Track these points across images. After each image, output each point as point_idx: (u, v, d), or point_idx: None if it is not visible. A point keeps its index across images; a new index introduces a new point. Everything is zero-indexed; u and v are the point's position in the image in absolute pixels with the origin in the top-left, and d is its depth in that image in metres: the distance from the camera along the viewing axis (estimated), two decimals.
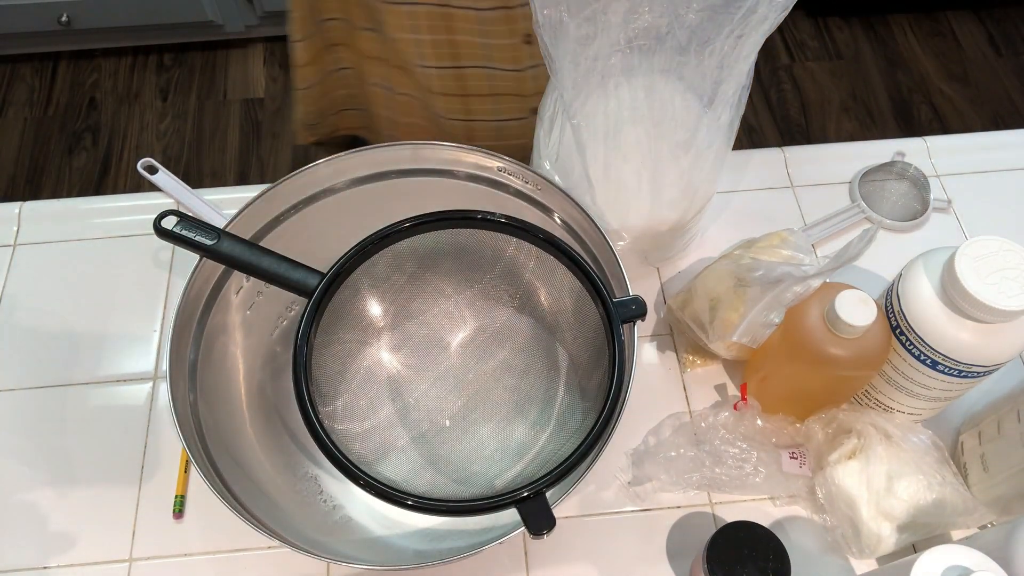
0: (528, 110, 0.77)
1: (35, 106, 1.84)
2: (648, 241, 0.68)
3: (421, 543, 0.59)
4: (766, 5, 0.50)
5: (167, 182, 0.73)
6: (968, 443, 0.62)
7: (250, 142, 1.79)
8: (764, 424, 0.62)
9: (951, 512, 0.57)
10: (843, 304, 0.53)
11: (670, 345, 0.70)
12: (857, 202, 0.77)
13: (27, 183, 1.72)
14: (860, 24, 2.00)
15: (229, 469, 0.55)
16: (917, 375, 0.56)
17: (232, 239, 0.53)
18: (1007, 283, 0.50)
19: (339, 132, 0.90)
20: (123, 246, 0.75)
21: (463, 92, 0.75)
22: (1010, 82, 1.91)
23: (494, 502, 0.46)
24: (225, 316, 0.61)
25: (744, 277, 0.61)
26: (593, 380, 0.54)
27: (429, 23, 0.69)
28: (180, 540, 0.61)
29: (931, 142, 0.82)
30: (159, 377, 0.68)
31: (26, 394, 0.67)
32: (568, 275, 0.54)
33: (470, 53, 0.71)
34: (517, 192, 0.63)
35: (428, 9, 0.68)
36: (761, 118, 1.83)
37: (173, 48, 1.93)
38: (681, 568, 0.60)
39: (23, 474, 0.64)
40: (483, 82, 0.74)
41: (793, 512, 0.62)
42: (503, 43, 0.70)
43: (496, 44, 0.70)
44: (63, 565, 0.60)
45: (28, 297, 0.72)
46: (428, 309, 0.63)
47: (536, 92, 0.76)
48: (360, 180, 0.63)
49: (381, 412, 0.60)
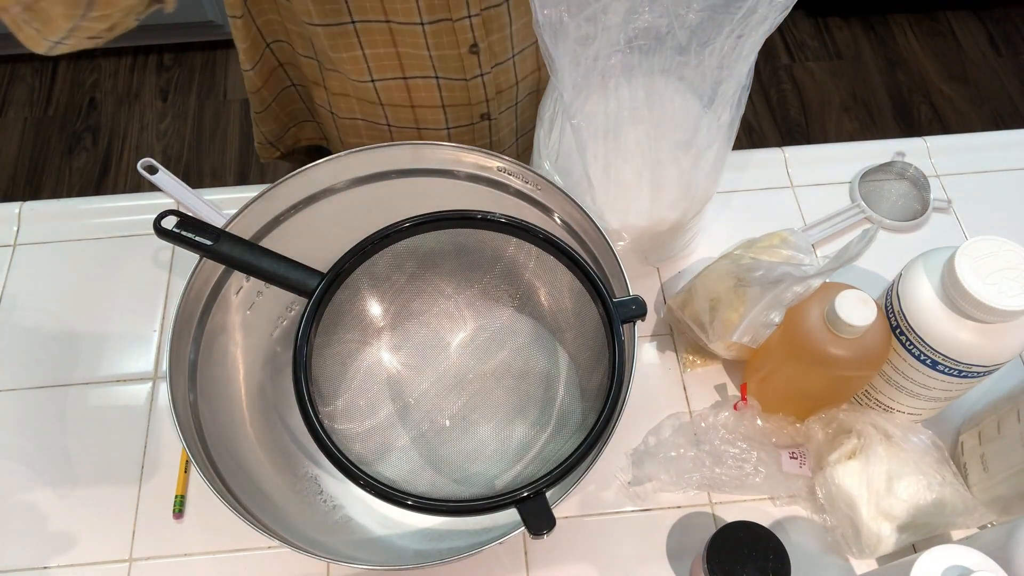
0: (478, 115, 0.78)
1: (35, 106, 1.84)
2: (648, 241, 0.68)
3: (421, 543, 0.59)
4: (766, 5, 0.50)
5: (167, 182, 0.73)
6: (968, 443, 0.62)
7: (250, 142, 1.79)
8: (764, 424, 0.62)
9: (951, 512, 0.57)
10: (843, 304, 0.53)
11: (670, 345, 0.70)
12: (857, 202, 0.77)
13: (27, 183, 1.72)
14: (860, 24, 2.00)
15: (229, 469, 0.55)
16: (917, 375, 0.56)
17: (232, 239, 0.53)
18: (1007, 283, 0.50)
19: (301, 143, 0.90)
20: (123, 246, 0.75)
21: (411, 103, 0.75)
22: (1010, 82, 1.91)
23: (494, 502, 0.46)
24: (225, 316, 0.61)
25: (744, 277, 0.61)
26: (593, 380, 0.54)
27: (369, 38, 0.69)
28: (180, 540, 0.61)
29: (931, 142, 0.82)
30: (159, 377, 0.68)
31: (26, 394, 0.67)
32: (568, 275, 0.54)
33: (416, 64, 0.71)
34: (517, 192, 0.63)
35: (367, 26, 0.68)
36: (761, 118, 1.83)
37: (173, 48, 1.93)
38: (681, 568, 0.60)
39: (23, 474, 0.64)
40: (432, 92, 0.74)
41: (793, 512, 0.62)
42: (449, 53, 0.70)
43: (441, 55, 0.70)
44: (63, 565, 0.60)
45: (28, 297, 0.72)
46: (428, 309, 0.63)
47: (483, 99, 0.76)
48: (360, 180, 0.63)
49: (381, 412, 0.60)
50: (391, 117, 0.77)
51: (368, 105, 0.76)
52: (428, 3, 0.65)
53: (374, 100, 0.75)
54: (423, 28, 0.67)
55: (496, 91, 0.75)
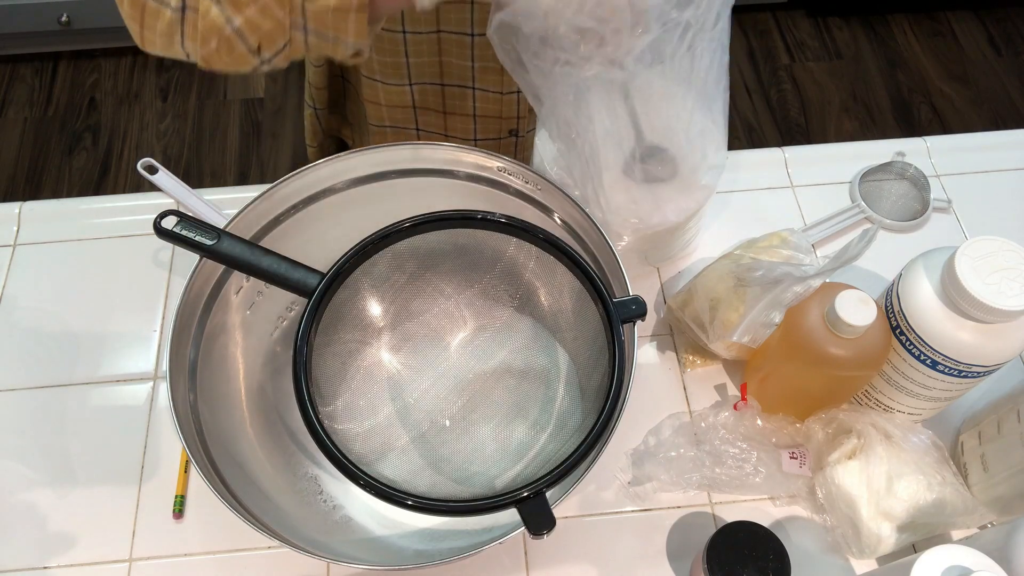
0: (507, 131, 0.78)
1: (35, 106, 1.84)
2: (648, 241, 0.68)
3: (421, 543, 0.59)
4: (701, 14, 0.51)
5: (167, 182, 0.73)
6: (968, 443, 0.62)
7: (250, 142, 1.79)
8: (764, 424, 0.62)
9: (951, 512, 0.57)
10: (843, 304, 0.53)
11: (670, 345, 0.70)
12: (857, 202, 0.77)
13: (27, 183, 1.72)
14: (860, 24, 2.00)
15: (229, 469, 0.55)
16: (917, 375, 0.56)
17: (232, 239, 0.53)
18: (1007, 283, 0.50)
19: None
20: (123, 246, 0.75)
21: (443, 109, 0.76)
22: (1010, 82, 1.91)
23: (494, 502, 0.46)
24: (225, 316, 0.61)
25: (744, 277, 0.61)
26: (593, 380, 0.54)
27: (416, 48, 0.70)
28: (180, 540, 0.61)
29: (931, 142, 0.82)
30: (159, 377, 0.68)
31: (26, 394, 0.67)
32: (568, 275, 0.54)
33: (457, 74, 0.72)
34: (517, 192, 0.63)
35: (416, 37, 0.69)
36: (761, 118, 1.83)
37: None
38: (681, 568, 0.60)
39: (23, 474, 0.64)
40: (466, 101, 0.75)
41: (793, 512, 0.62)
42: (492, 66, 0.71)
43: (484, 67, 0.71)
44: (63, 565, 0.60)
45: (28, 297, 0.72)
46: (428, 309, 0.63)
47: (515, 116, 0.78)
48: (360, 180, 0.63)
49: (381, 412, 0.60)
50: (421, 121, 0.78)
51: (399, 110, 0.77)
52: (481, 16, 0.67)
53: (407, 104, 0.76)
54: (472, 39, 0.69)
55: (528, 110, 0.77)
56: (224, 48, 0.49)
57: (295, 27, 0.48)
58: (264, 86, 1.88)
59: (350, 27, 0.49)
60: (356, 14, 0.48)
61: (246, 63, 0.50)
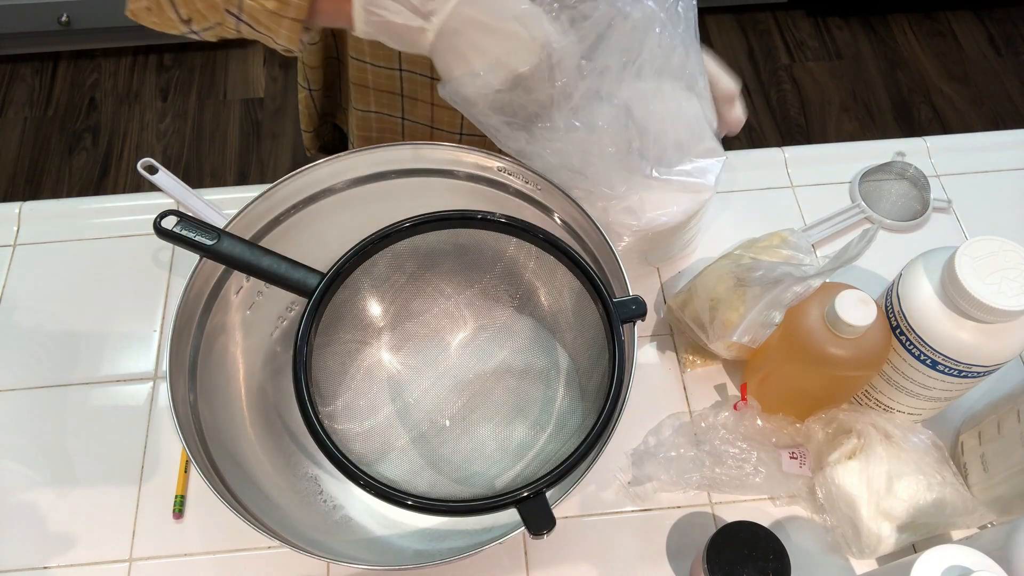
0: None
1: (35, 106, 1.84)
2: (648, 241, 0.68)
3: (421, 543, 0.59)
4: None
5: (167, 182, 0.73)
6: (968, 443, 0.62)
7: (250, 142, 1.79)
8: (764, 424, 0.62)
9: (951, 512, 0.57)
10: (843, 304, 0.53)
11: (670, 345, 0.70)
12: (857, 202, 0.77)
13: (27, 183, 1.72)
14: (860, 24, 2.00)
15: (229, 469, 0.55)
16: (917, 375, 0.56)
17: (232, 239, 0.53)
18: (1007, 283, 0.50)
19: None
20: (123, 246, 0.75)
21: (431, 100, 0.75)
22: (1010, 82, 1.91)
23: (494, 502, 0.46)
24: (225, 316, 0.61)
25: (744, 277, 0.61)
26: (593, 380, 0.54)
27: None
28: (180, 540, 0.61)
29: (931, 142, 0.82)
30: (159, 377, 0.68)
31: (26, 394, 0.67)
32: (568, 275, 0.54)
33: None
34: (517, 192, 0.63)
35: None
36: (761, 118, 1.83)
37: (173, 48, 1.93)
38: (681, 568, 0.60)
39: (23, 474, 0.64)
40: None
41: (793, 512, 0.62)
42: None
43: None
44: (63, 565, 0.60)
45: (28, 297, 0.72)
46: (428, 309, 0.63)
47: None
48: (360, 180, 0.63)
49: (381, 412, 0.60)
50: (407, 110, 0.77)
51: (386, 96, 0.76)
52: None
53: (396, 91, 0.75)
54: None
55: None
56: (155, 8, 0.52)
57: (229, 12, 0.50)
58: (264, 86, 1.88)
59: (282, 31, 0.52)
60: (290, 21, 0.50)
61: (174, 28, 0.53)
